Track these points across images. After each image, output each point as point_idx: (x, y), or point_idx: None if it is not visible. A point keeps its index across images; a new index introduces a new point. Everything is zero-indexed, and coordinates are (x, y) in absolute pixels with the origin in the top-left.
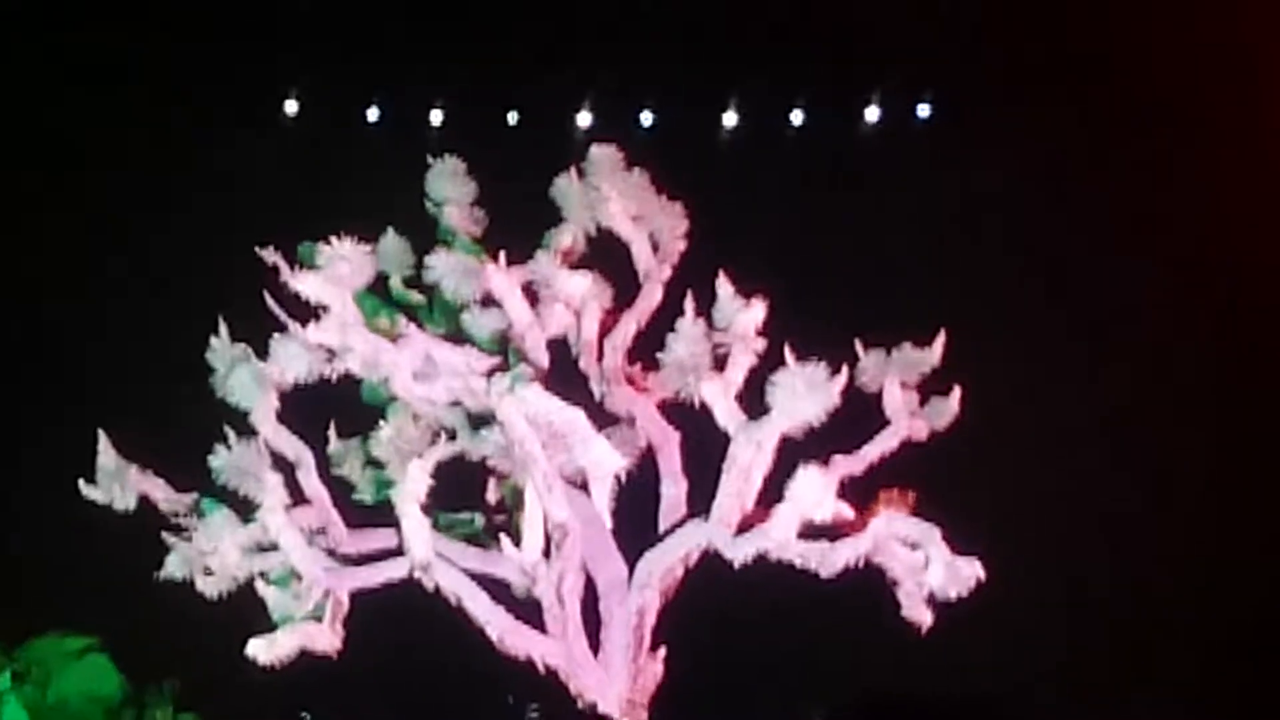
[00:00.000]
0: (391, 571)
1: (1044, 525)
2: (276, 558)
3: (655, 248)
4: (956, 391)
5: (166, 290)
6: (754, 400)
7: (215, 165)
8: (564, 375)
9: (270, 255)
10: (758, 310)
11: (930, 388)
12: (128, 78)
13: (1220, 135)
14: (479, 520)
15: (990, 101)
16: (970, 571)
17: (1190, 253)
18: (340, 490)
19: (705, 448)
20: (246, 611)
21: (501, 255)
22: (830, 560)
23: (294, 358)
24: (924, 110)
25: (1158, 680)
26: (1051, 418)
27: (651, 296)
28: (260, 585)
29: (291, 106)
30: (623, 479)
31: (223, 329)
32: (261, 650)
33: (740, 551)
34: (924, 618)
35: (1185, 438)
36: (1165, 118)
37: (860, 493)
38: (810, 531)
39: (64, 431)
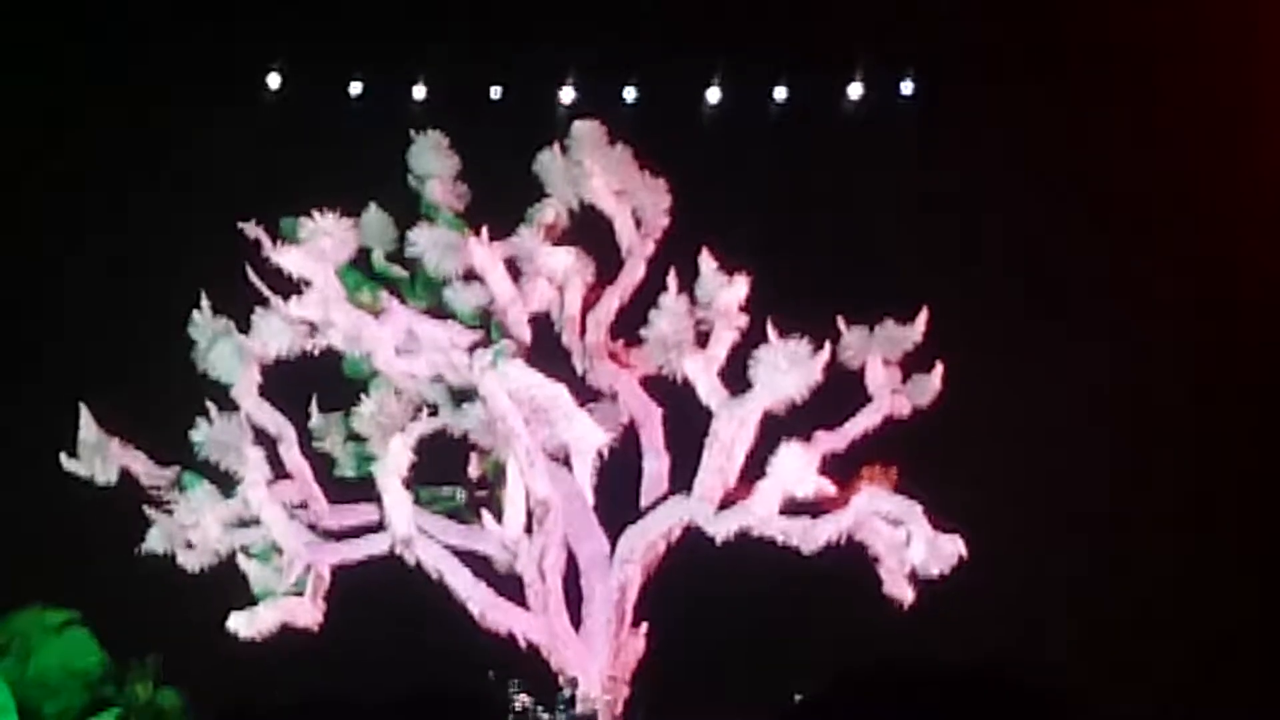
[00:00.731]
0: (373, 546)
1: (1026, 502)
2: (258, 532)
3: (638, 223)
4: (939, 368)
5: (148, 264)
6: (736, 376)
7: (198, 139)
8: (546, 350)
9: (252, 229)
10: (740, 286)
11: (913, 364)
12: (110, 52)
13: (1207, 115)
14: (461, 495)
15: (973, 78)
16: (952, 548)
17: (1172, 231)
18: (322, 465)
19: (688, 423)
20: (227, 586)
21: (484, 230)
22: (812, 536)
23: (276, 332)
24: (907, 87)
25: (1141, 655)
26: (1033, 394)
27: (634, 272)
28: (241, 559)
29: (274, 80)
30: (605, 454)
31: (204, 303)
32: (242, 624)
33: (722, 527)
34: (905, 594)
35: (1167, 413)
36: (1150, 95)
37: (842, 469)
38: (792, 507)
39: (45, 405)
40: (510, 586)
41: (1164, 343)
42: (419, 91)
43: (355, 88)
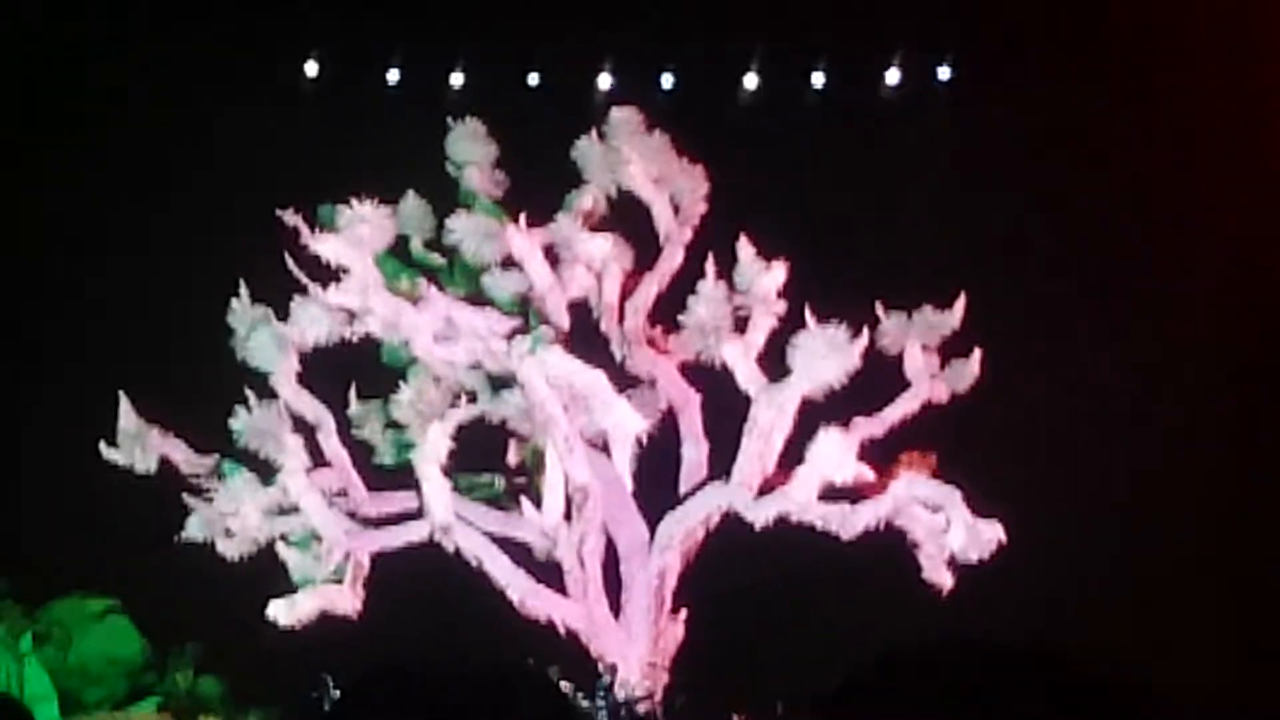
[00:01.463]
0: (412, 534)
1: (1066, 487)
2: (297, 520)
3: (676, 210)
4: (977, 354)
5: (187, 252)
6: (775, 362)
7: (236, 127)
8: (585, 337)
9: (291, 217)
10: (778, 272)
11: (951, 350)
12: (149, 39)
13: (1255, 100)
14: (500, 483)
15: (1011, 63)
16: (991, 534)
17: (1213, 213)
18: (361, 453)
19: (726, 410)
20: (267, 574)
21: (522, 217)
22: (851, 523)
23: (314, 320)
24: (944, 72)
25: (1181, 643)
26: (1072, 379)
27: (672, 259)
28: (281, 547)
29: (312, 68)
30: (644, 441)
31: (243, 291)
32: (282, 612)
33: (761, 514)
34: (945, 580)
35: (1208, 397)
36: (1193, 78)
37: (881, 455)
38: (831, 494)
39: (85, 394)
40: (549, 573)
41: (1206, 329)
42: (457, 79)
43: (393, 75)
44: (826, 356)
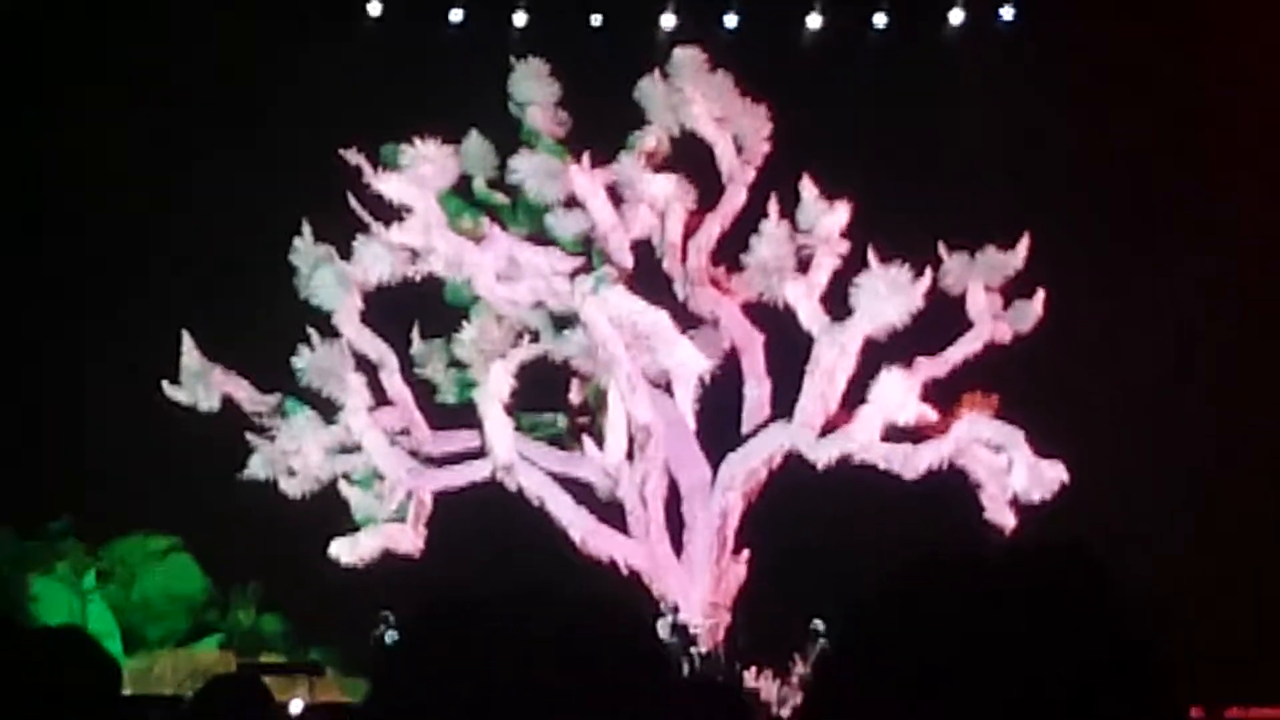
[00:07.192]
0: (474, 473)
1: (1128, 427)
2: (359, 459)
3: (739, 149)
4: (1040, 294)
5: (251, 191)
6: (837, 302)
7: (300, 68)
8: (648, 277)
9: (354, 156)
10: (841, 212)
11: (1014, 290)
12: None
13: None
14: (562, 421)
15: (1073, 3)
16: (1054, 474)
17: (1277, 154)
18: (423, 391)
19: (789, 349)
20: (329, 512)
21: (585, 156)
22: (913, 463)
23: (377, 258)
24: (1007, 13)
25: (1242, 583)
26: (1134, 319)
27: (735, 198)
28: (343, 486)
29: (375, 9)
30: (706, 380)
31: (306, 230)
32: (344, 551)
33: (823, 453)
34: (1007, 520)
35: (1269, 338)
36: (1253, 16)
37: (943, 395)
38: (893, 434)
39: (149, 333)
40: (611, 513)
41: (1268, 269)
42: (519, 19)
43: (456, 15)
44: (889, 296)
